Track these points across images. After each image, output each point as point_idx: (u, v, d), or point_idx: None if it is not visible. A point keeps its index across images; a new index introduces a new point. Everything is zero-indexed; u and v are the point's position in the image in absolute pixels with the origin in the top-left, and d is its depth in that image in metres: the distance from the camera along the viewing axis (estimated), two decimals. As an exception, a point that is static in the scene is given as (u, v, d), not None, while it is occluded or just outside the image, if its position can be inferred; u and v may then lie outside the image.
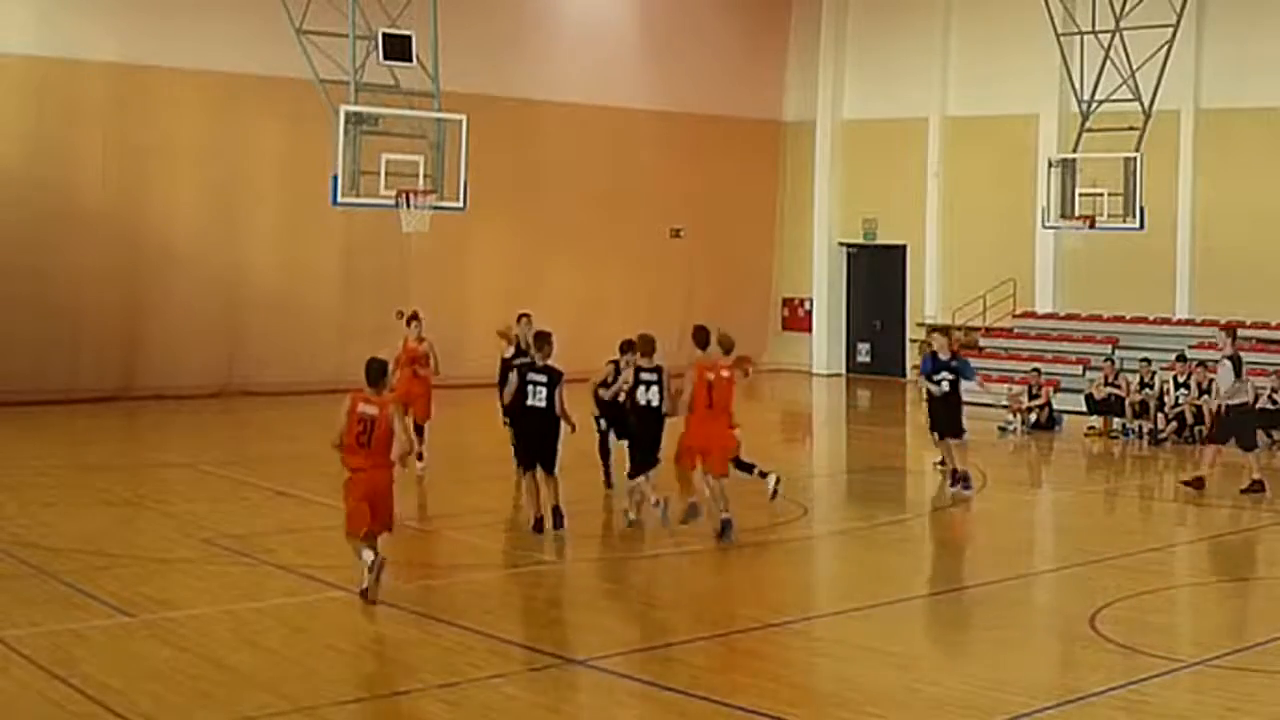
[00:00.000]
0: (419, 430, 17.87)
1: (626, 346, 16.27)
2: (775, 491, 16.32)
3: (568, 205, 30.73)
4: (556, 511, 14.88)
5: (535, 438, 14.87)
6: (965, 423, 18.32)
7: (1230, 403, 18.50)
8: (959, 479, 17.97)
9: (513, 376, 15.13)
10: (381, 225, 26.46)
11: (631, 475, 15.29)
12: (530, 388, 14.76)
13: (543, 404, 14.71)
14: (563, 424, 14.92)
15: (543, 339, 15.10)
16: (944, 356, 18.16)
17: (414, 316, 19.00)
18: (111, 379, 25.77)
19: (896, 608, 12.80)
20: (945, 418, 18.16)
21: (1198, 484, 18.28)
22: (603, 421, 17.49)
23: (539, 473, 14.88)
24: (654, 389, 15.11)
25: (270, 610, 12.35)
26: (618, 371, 16.77)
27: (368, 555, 12.02)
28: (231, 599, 12.67)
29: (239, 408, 25.32)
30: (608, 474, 17.58)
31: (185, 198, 26.78)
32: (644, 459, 15.12)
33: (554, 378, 14.77)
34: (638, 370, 15.36)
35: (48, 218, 24.94)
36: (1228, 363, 18.39)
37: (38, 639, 10.95)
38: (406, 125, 21.67)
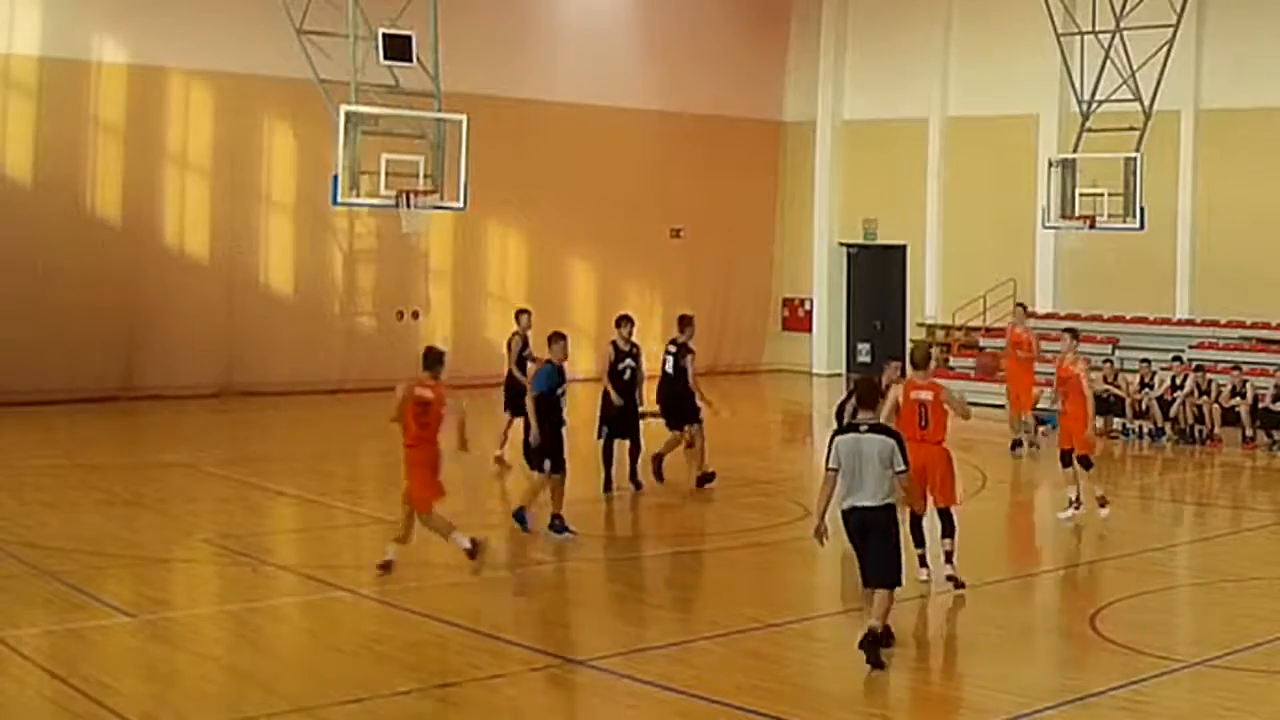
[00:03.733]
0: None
1: (621, 320, 17.64)
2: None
3: (567, 205, 30.71)
4: None
5: None
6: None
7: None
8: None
9: None
10: (384, 225, 26.53)
11: None
12: None
13: None
14: None
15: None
16: (558, 363, 15.51)
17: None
18: (112, 379, 25.76)
19: (896, 608, 12.78)
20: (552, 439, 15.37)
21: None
22: (605, 428, 17.50)
23: None
24: None
25: (270, 610, 12.37)
26: (616, 350, 17.38)
27: None
28: (231, 599, 12.68)
29: (239, 408, 25.31)
30: (609, 478, 17.56)
31: (186, 197, 26.76)
32: None
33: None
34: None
35: (50, 217, 24.92)
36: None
37: (38, 639, 10.96)
38: (406, 125, 21.69)
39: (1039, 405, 21.97)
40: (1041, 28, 26.48)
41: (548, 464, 14.96)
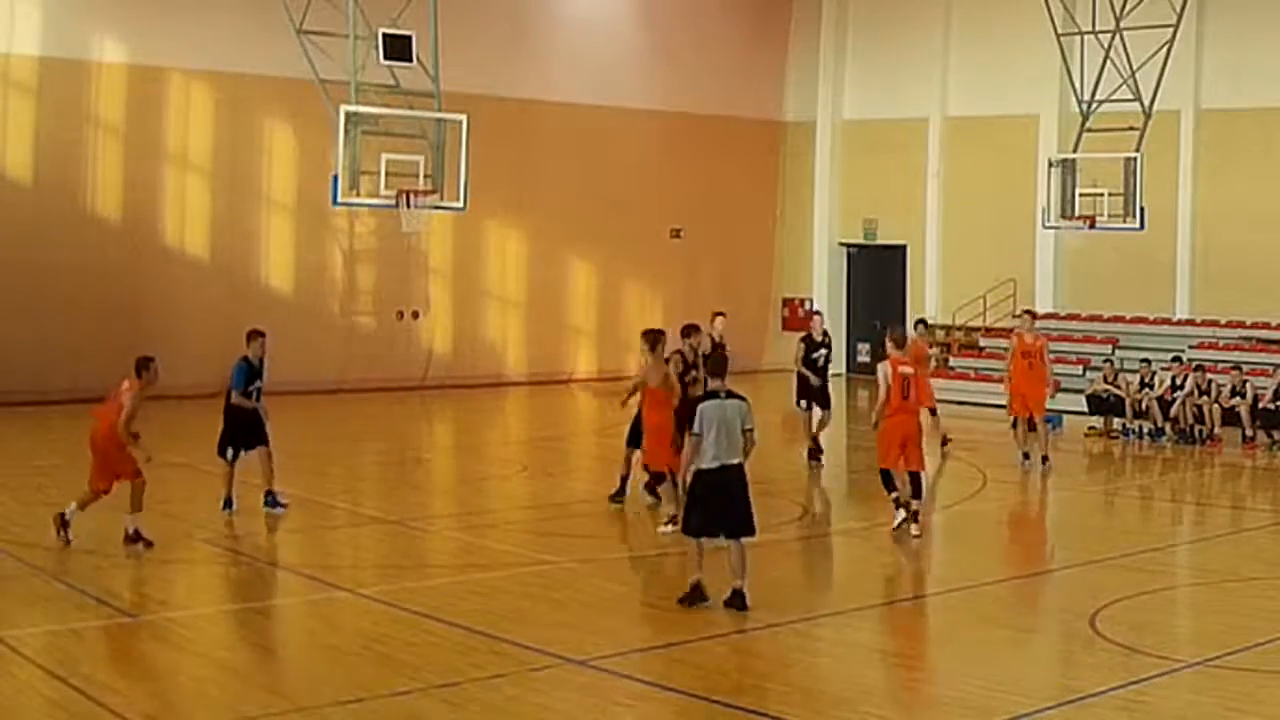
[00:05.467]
0: None
1: (688, 330, 17.37)
2: None
3: (567, 205, 30.75)
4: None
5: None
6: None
7: None
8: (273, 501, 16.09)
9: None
10: (384, 225, 26.52)
11: None
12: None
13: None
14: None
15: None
16: (255, 359, 16.86)
17: None
18: (111, 379, 25.60)
19: (896, 608, 12.81)
20: (247, 430, 16.35)
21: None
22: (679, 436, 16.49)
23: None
24: None
25: (270, 610, 12.37)
26: (685, 360, 16.78)
27: None
28: (231, 599, 12.69)
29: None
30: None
31: (188, 197, 26.81)
32: None
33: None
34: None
35: (51, 217, 24.96)
36: None
37: (38, 639, 10.96)
38: (406, 125, 21.70)
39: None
40: (1041, 28, 26.49)
41: (230, 452, 16.11)
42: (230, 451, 16.18)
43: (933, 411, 20.58)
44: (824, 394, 20.55)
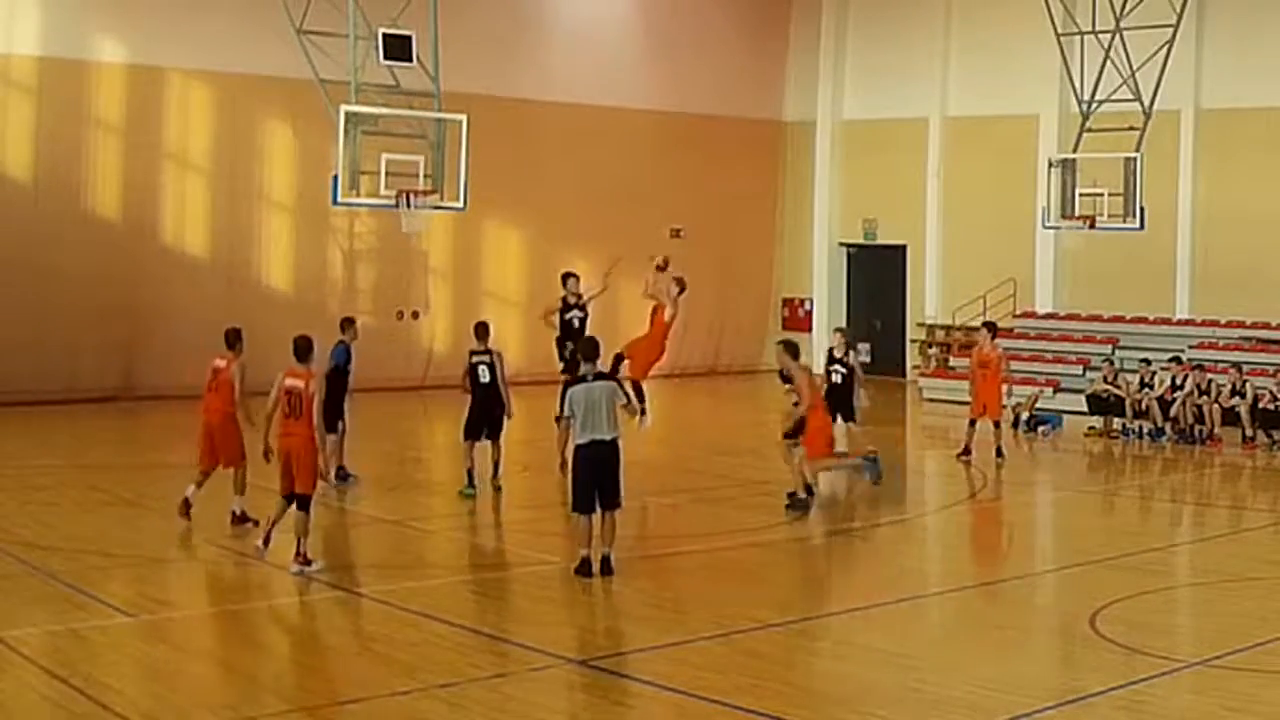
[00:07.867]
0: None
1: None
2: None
3: (567, 205, 30.73)
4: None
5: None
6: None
7: None
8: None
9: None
10: (384, 225, 26.51)
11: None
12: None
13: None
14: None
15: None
16: (350, 344, 18.01)
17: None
18: (111, 379, 25.77)
19: (896, 608, 12.80)
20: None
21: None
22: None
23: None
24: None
25: (270, 610, 12.37)
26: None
27: None
28: (231, 599, 12.69)
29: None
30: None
31: (188, 197, 26.79)
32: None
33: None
34: (472, 353, 17.83)
35: (51, 217, 24.94)
36: None
37: (38, 639, 10.96)
38: (406, 125, 21.71)
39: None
40: (1041, 28, 26.49)
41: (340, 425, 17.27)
42: (340, 425, 17.34)
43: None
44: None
